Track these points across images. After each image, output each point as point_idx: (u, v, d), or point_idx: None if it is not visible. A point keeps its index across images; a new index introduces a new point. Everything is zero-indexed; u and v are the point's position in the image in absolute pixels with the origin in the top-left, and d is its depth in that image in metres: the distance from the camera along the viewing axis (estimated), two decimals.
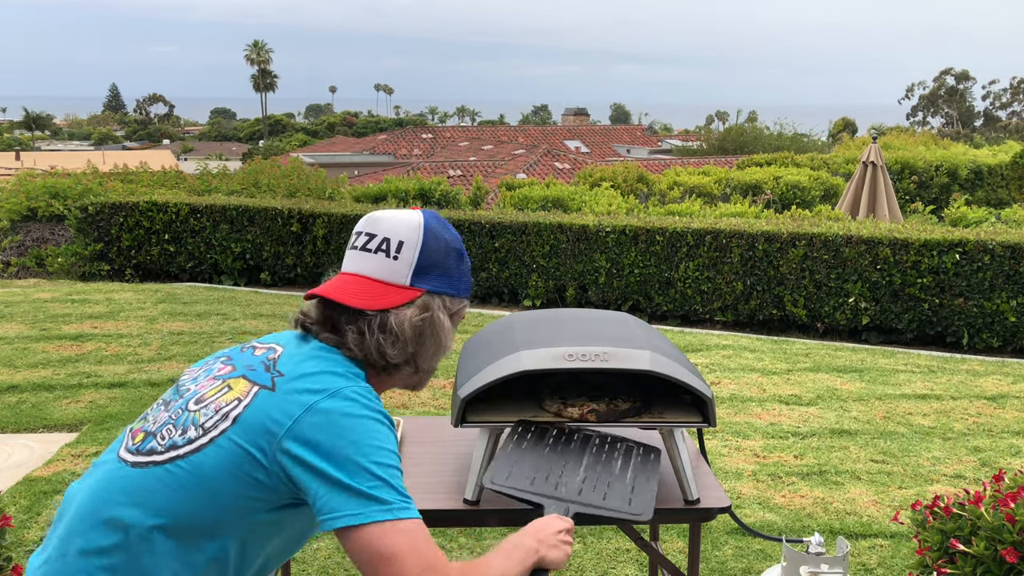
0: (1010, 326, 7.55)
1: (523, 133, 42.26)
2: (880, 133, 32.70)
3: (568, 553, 1.53)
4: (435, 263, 1.52)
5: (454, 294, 1.55)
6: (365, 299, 1.47)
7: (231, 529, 1.36)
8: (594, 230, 8.78)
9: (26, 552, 3.52)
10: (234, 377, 1.44)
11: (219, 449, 1.35)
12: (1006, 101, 75.58)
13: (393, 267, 1.49)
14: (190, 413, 1.42)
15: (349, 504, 1.29)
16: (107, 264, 10.53)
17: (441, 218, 1.58)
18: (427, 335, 1.50)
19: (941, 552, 2.48)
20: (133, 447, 1.43)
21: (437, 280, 1.52)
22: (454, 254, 1.55)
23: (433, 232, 1.53)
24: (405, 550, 1.28)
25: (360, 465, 1.31)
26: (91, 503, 1.37)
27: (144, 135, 76.70)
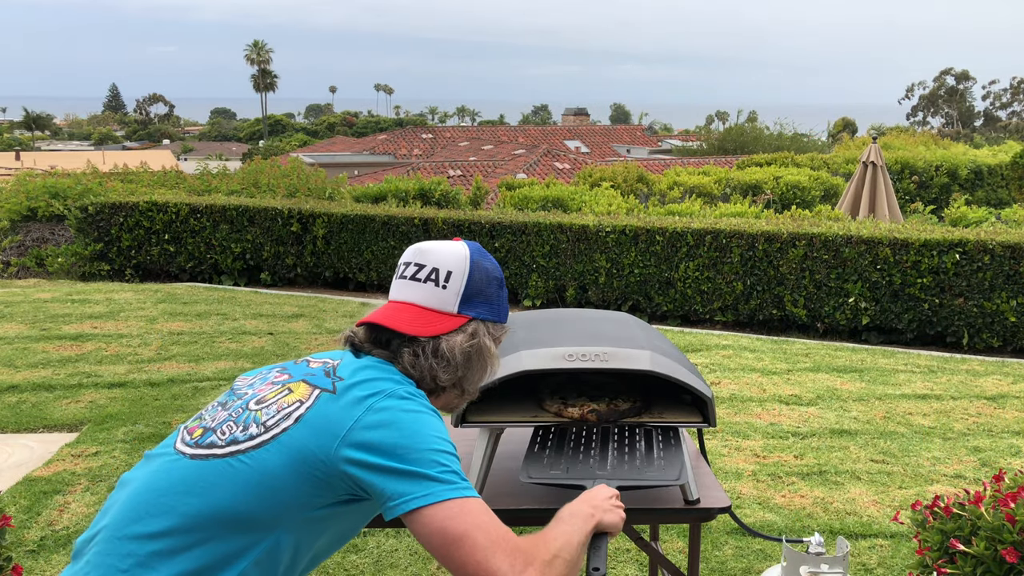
0: (1010, 326, 7.55)
1: (523, 133, 42.26)
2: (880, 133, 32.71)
3: (623, 517, 1.57)
4: (479, 291, 1.61)
5: (496, 320, 1.65)
6: (416, 326, 1.56)
7: (286, 523, 1.40)
8: (594, 230, 8.78)
9: (26, 552, 3.52)
10: (294, 382, 1.51)
11: (281, 447, 1.40)
12: (1006, 101, 75.57)
13: (442, 296, 1.59)
14: (251, 412, 1.47)
15: (416, 488, 1.35)
16: (107, 264, 10.53)
17: (483, 250, 1.67)
18: (475, 360, 1.59)
19: (941, 552, 2.48)
20: (191, 441, 1.47)
21: (482, 307, 1.62)
22: (495, 283, 1.65)
23: (478, 263, 1.62)
24: (474, 528, 1.32)
25: (421, 454, 1.37)
26: (147, 491, 1.41)
27: (144, 135, 76.69)
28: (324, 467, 1.38)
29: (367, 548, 3.63)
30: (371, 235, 9.81)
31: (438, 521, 1.33)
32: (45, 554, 3.51)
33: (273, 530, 1.39)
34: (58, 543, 3.60)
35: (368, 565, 3.50)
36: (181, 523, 1.37)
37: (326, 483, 1.39)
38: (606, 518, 1.55)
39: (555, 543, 1.41)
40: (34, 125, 73.17)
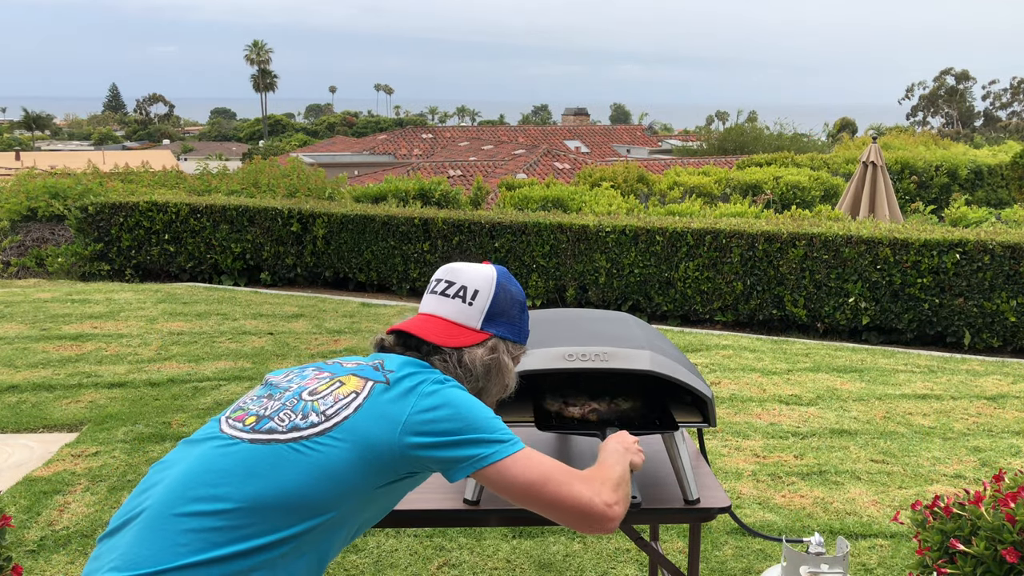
0: (1010, 326, 7.55)
1: (523, 133, 42.25)
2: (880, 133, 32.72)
3: (643, 459, 1.80)
4: (502, 312, 1.76)
5: (516, 340, 1.78)
6: (442, 337, 1.70)
7: (343, 505, 1.48)
8: (594, 230, 8.78)
9: (26, 552, 3.52)
10: (343, 375, 1.61)
11: (344, 433, 1.49)
12: (1006, 101, 75.57)
13: (468, 312, 1.73)
14: (306, 401, 1.55)
15: (483, 449, 1.51)
16: (107, 264, 10.53)
17: (510, 275, 1.82)
18: (494, 374, 1.72)
19: (941, 552, 2.48)
20: (246, 427, 1.52)
21: (503, 327, 1.76)
22: (518, 305, 1.79)
23: (503, 285, 1.77)
24: (550, 471, 1.53)
25: (478, 422, 1.53)
26: (204, 471, 1.45)
27: (144, 135, 76.68)
28: (388, 453, 1.49)
29: (367, 548, 3.63)
30: (371, 235, 9.81)
31: (516, 472, 1.52)
32: (45, 554, 3.51)
33: (330, 511, 1.47)
34: (58, 543, 3.60)
35: (368, 565, 3.50)
36: (243, 503, 1.42)
37: (390, 467, 1.50)
38: (635, 459, 1.77)
39: (615, 471, 1.64)
40: (34, 125, 73.15)
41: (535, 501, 1.52)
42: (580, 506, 1.52)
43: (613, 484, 1.59)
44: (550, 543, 3.69)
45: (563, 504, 1.52)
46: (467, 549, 3.63)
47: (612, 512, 1.54)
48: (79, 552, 3.53)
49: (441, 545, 3.66)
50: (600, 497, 1.53)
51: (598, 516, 1.52)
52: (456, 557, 3.56)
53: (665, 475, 2.40)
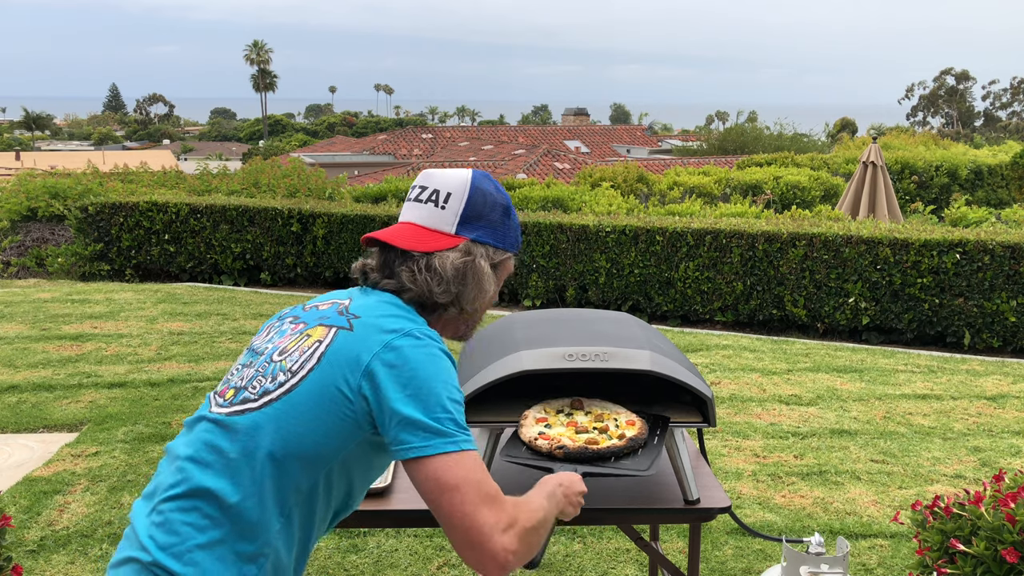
0: (1010, 326, 7.55)
1: (523, 133, 42.26)
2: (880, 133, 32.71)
3: (577, 513, 1.67)
4: (480, 215, 1.65)
5: (497, 245, 1.67)
6: (413, 242, 1.61)
7: (324, 462, 1.46)
8: (594, 230, 8.78)
9: (26, 552, 3.52)
10: (311, 327, 1.56)
11: (310, 384, 1.46)
12: (1006, 101, 75.57)
13: (440, 216, 1.64)
14: (275, 363, 1.53)
15: (417, 437, 1.40)
16: (107, 264, 10.53)
17: (491, 178, 1.71)
18: (469, 278, 1.61)
19: (941, 552, 2.48)
20: (225, 403, 1.53)
21: (481, 230, 1.65)
22: (500, 209, 1.68)
23: (479, 187, 1.66)
24: (466, 481, 1.38)
25: (430, 400, 1.42)
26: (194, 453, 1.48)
27: (144, 135, 76.69)
28: (350, 402, 1.44)
29: (367, 548, 3.63)
30: None
31: (432, 471, 1.39)
32: (45, 554, 3.51)
33: (312, 469, 1.45)
34: (58, 543, 3.60)
35: (368, 565, 3.50)
36: (232, 478, 1.43)
37: (352, 418, 1.45)
38: (568, 510, 1.64)
39: (536, 516, 1.48)
40: (34, 125, 73.15)
41: (434, 506, 1.40)
42: (472, 534, 1.37)
43: (524, 529, 1.42)
44: (550, 543, 3.69)
45: (458, 522, 1.37)
46: None
47: (503, 559, 1.38)
48: (79, 552, 3.54)
49: (441, 545, 3.66)
50: (500, 537, 1.37)
51: (487, 554, 1.37)
52: (456, 557, 3.56)
53: (665, 475, 2.40)
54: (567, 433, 2.05)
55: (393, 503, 2.23)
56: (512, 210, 1.71)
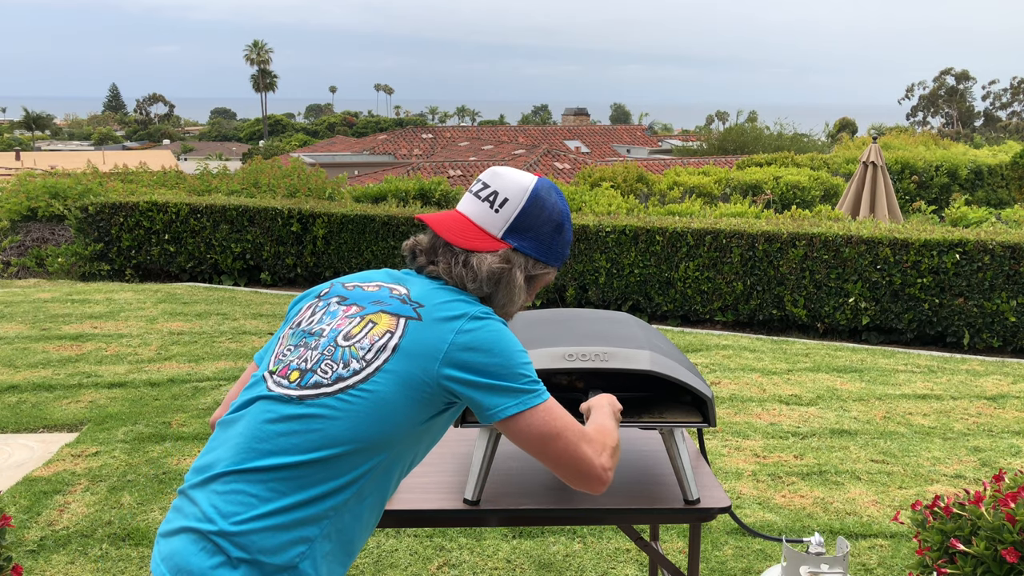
0: (1010, 326, 7.55)
1: (523, 133, 42.24)
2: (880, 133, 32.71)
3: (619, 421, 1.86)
4: (530, 227, 1.68)
5: (539, 259, 1.70)
6: (457, 236, 1.65)
7: (396, 441, 1.54)
8: (594, 230, 8.78)
9: (26, 552, 3.52)
10: (372, 313, 1.61)
11: (387, 375, 1.52)
12: (1006, 101, 75.57)
13: (492, 218, 1.67)
14: (343, 348, 1.57)
15: (508, 399, 1.54)
16: (107, 264, 10.53)
17: (556, 190, 1.73)
18: (501, 284, 1.65)
19: (941, 552, 2.48)
20: (292, 384, 1.56)
21: (528, 241, 1.68)
22: (553, 224, 1.70)
23: (538, 199, 1.68)
24: (564, 427, 1.56)
25: (510, 369, 1.55)
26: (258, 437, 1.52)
27: (144, 135, 76.69)
28: (428, 388, 1.53)
29: (367, 548, 3.63)
30: (371, 235, 9.81)
31: (532, 425, 1.55)
32: (45, 554, 3.51)
33: (385, 449, 1.53)
34: (58, 543, 3.60)
35: (368, 565, 3.50)
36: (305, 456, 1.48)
37: (430, 400, 1.54)
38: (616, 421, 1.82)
39: (614, 435, 1.68)
40: (34, 125, 73.14)
41: (542, 453, 1.57)
42: (582, 466, 1.57)
43: (611, 449, 1.63)
44: (550, 543, 3.69)
45: (567, 462, 1.56)
46: (467, 549, 3.63)
47: (606, 477, 1.59)
48: (79, 552, 3.54)
49: (441, 545, 3.66)
50: (599, 460, 1.58)
51: (595, 479, 1.58)
52: (456, 557, 3.56)
53: (665, 475, 2.40)
54: None
55: (393, 503, 2.23)
56: (566, 226, 1.74)
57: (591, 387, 2.29)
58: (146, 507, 3.95)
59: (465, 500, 2.22)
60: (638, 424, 2.22)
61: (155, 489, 4.14)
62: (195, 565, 1.44)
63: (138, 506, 3.96)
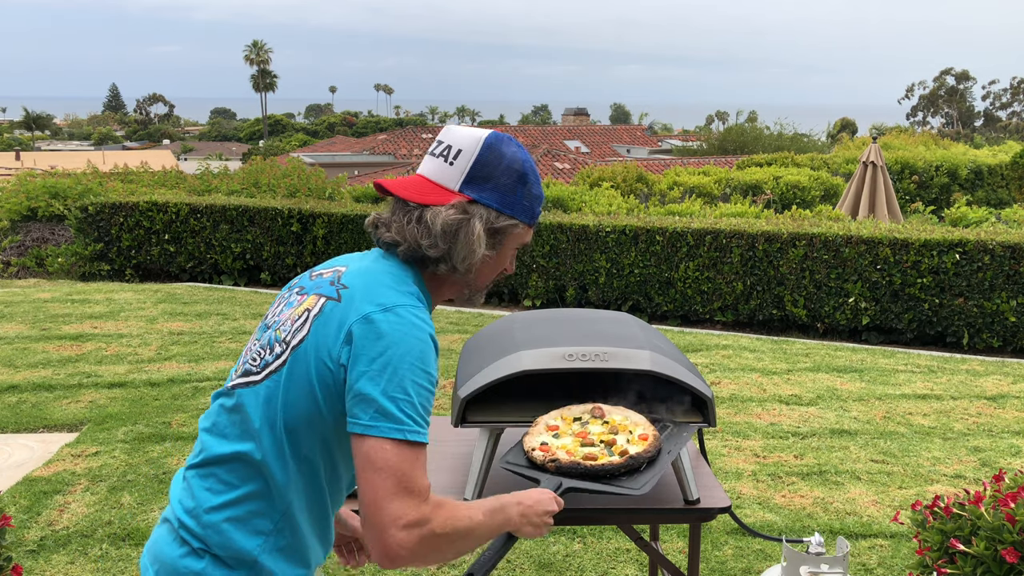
0: (1010, 326, 7.55)
1: (523, 133, 42.25)
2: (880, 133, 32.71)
3: (543, 533, 1.63)
4: (488, 176, 1.59)
5: (501, 209, 1.60)
6: (413, 193, 1.59)
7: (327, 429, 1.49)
8: (594, 230, 8.78)
9: (26, 552, 3.52)
10: (309, 296, 1.58)
11: (300, 355, 1.49)
12: (1006, 101, 75.59)
13: (447, 172, 1.60)
14: (274, 333, 1.57)
15: (367, 414, 1.40)
16: (107, 264, 10.53)
17: (516, 143, 1.64)
18: (460, 237, 1.55)
19: (941, 552, 2.48)
20: (237, 378, 1.59)
21: (488, 192, 1.59)
22: (514, 174, 1.61)
23: (493, 148, 1.60)
24: (392, 468, 1.38)
25: (392, 380, 1.41)
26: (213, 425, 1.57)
27: (144, 135, 76.68)
28: (331, 371, 1.46)
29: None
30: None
31: (368, 449, 1.39)
32: (45, 554, 3.51)
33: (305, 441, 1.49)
34: (58, 543, 3.60)
35: (368, 564, 3.50)
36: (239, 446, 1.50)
37: (335, 389, 1.46)
38: (525, 530, 1.61)
39: (456, 524, 1.45)
40: (34, 125, 73.14)
41: (358, 482, 1.41)
42: (376, 518, 1.37)
43: (432, 532, 1.40)
44: (550, 543, 3.69)
45: (368, 503, 1.38)
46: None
47: (393, 552, 1.37)
48: (79, 552, 3.54)
49: None
50: (397, 531, 1.37)
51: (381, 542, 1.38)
52: None
53: (665, 475, 2.40)
54: (571, 445, 1.97)
55: None
56: (531, 178, 1.63)
57: (591, 387, 2.21)
58: (146, 507, 3.95)
59: (465, 500, 2.22)
60: None
61: (155, 489, 4.14)
62: (167, 554, 1.51)
63: (138, 506, 3.96)
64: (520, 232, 1.64)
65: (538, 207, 1.66)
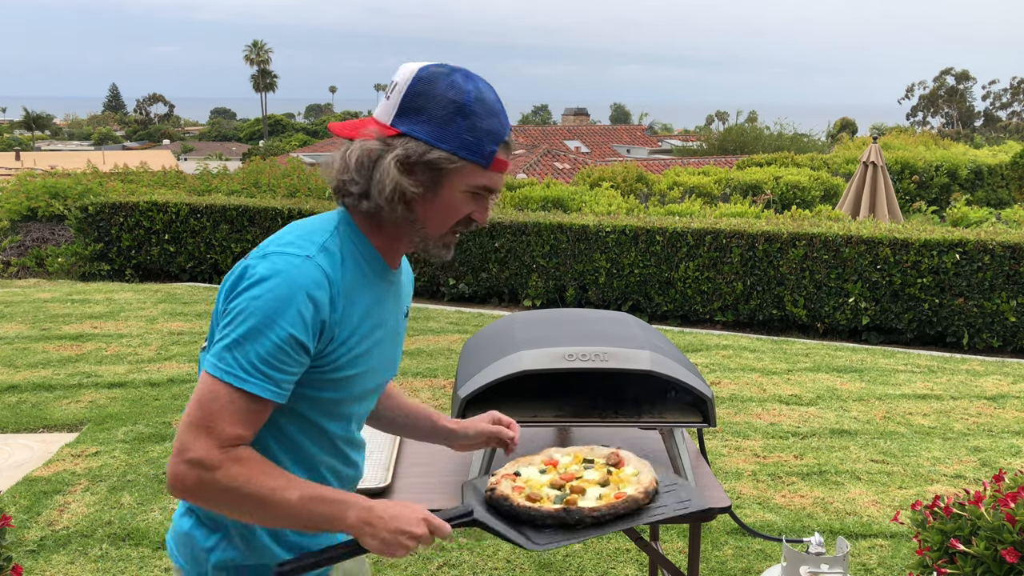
0: (1010, 326, 7.55)
1: (523, 133, 42.25)
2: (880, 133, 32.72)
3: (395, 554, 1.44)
4: (421, 108, 1.47)
5: (433, 143, 1.46)
6: (348, 131, 1.51)
7: None
8: (594, 230, 8.78)
9: (26, 552, 3.52)
10: None
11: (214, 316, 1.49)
12: (1006, 101, 75.62)
13: (385, 107, 1.51)
14: None
15: (213, 354, 1.38)
16: (107, 264, 10.53)
17: (461, 74, 1.50)
18: (375, 172, 1.46)
19: (941, 552, 2.48)
20: None
21: (420, 126, 1.46)
22: (452, 105, 1.46)
23: (428, 79, 1.47)
24: (204, 403, 1.35)
25: (236, 324, 1.37)
26: None
27: (144, 135, 76.69)
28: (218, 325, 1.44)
29: None
30: None
31: (199, 383, 1.38)
32: (45, 554, 3.51)
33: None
34: (58, 543, 3.60)
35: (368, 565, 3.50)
36: None
37: None
38: (367, 541, 1.42)
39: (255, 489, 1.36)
40: (34, 125, 73.16)
41: None
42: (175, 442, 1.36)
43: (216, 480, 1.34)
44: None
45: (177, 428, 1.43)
46: (467, 549, 3.63)
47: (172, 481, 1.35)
48: (79, 552, 3.54)
49: (441, 545, 3.66)
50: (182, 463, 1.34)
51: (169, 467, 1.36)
52: (456, 557, 3.56)
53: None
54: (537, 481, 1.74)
55: None
56: (476, 110, 1.47)
57: (592, 387, 2.22)
58: (146, 507, 3.95)
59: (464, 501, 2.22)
60: (638, 424, 2.22)
61: (155, 489, 4.14)
62: (179, 526, 1.56)
63: (138, 506, 3.96)
64: (465, 170, 1.48)
65: (490, 144, 1.49)
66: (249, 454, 1.38)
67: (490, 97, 1.50)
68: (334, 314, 1.42)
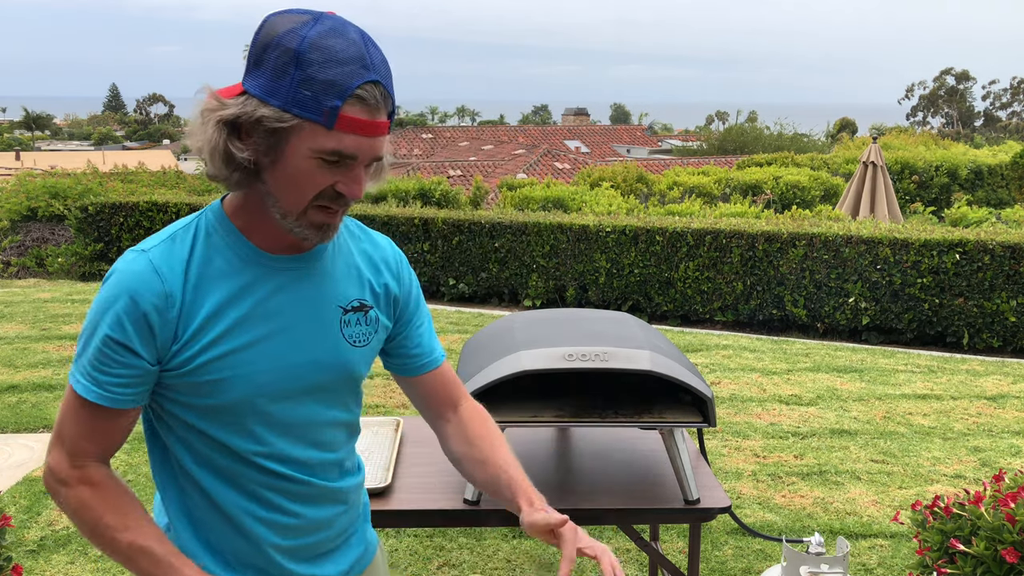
0: (1010, 326, 7.55)
1: (523, 133, 42.26)
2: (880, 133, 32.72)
3: None
4: (260, 61, 1.23)
5: (264, 99, 1.21)
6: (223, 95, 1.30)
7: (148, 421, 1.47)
8: (594, 230, 8.78)
9: (26, 552, 3.52)
10: None
11: None
12: (1006, 101, 75.64)
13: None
14: None
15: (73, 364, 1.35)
16: (107, 264, 10.53)
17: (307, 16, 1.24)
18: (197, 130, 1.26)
19: (941, 552, 2.48)
20: None
21: (256, 80, 1.23)
22: (285, 54, 1.20)
23: (270, 25, 1.24)
24: (60, 410, 1.34)
25: (82, 330, 1.32)
26: None
27: (144, 135, 76.70)
28: None
29: None
30: None
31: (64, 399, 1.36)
32: (45, 554, 3.51)
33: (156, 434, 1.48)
34: (58, 543, 3.60)
35: None
36: None
37: None
38: None
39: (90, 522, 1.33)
40: (34, 125, 73.16)
41: None
42: None
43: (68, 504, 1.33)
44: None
45: None
46: (467, 549, 3.63)
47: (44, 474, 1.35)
48: (79, 552, 3.53)
49: (441, 545, 3.66)
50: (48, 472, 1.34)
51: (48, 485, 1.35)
52: (456, 557, 3.56)
53: (665, 475, 2.40)
54: None
55: (393, 503, 2.23)
56: (307, 59, 1.19)
57: (592, 387, 2.22)
58: (146, 507, 3.95)
59: (465, 500, 2.23)
60: (638, 424, 2.22)
61: (155, 489, 4.14)
62: None
63: None
64: (304, 130, 1.22)
65: (330, 99, 1.20)
66: (103, 479, 1.34)
67: (335, 43, 1.21)
68: (170, 310, 1.27)
